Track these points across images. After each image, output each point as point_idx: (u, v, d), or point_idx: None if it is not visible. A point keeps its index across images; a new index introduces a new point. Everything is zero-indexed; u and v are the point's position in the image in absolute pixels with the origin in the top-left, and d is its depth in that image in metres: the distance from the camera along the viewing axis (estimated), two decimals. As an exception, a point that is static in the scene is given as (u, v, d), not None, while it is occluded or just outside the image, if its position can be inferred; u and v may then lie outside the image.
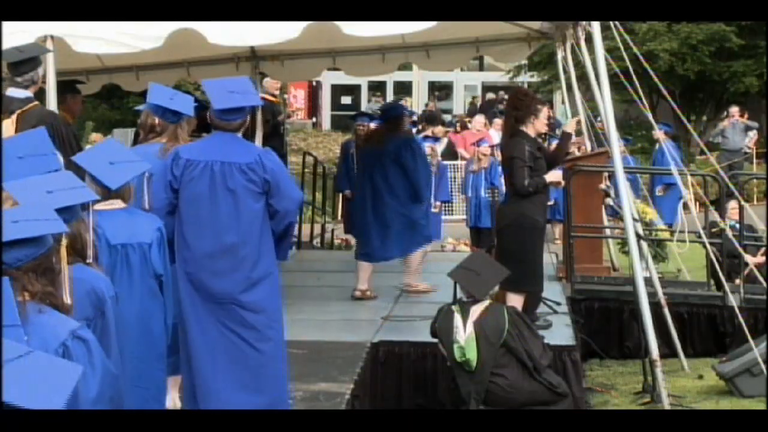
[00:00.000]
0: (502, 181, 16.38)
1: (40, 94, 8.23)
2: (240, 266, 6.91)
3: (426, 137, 18.86)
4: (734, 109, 24.47)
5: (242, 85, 7.09)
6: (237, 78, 7.46)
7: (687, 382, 10.11)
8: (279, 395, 7.05)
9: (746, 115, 24.77)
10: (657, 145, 20.38)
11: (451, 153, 23.97)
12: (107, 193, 5.72)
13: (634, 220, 10.49)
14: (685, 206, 11.48)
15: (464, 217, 18.74)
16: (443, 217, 19.71)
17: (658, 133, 16.38)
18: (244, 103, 6.96)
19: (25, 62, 7.90)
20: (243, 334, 6.93)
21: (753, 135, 24.08)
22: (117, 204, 5.80)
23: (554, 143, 14.51)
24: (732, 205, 12.84)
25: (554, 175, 9.69)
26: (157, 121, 7.26)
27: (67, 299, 3.90)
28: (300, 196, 7.21)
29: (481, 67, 39.32)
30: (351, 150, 16.08)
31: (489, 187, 17.23)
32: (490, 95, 36.69)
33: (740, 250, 11.50)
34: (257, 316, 6.96)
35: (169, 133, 7.20)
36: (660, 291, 10.71)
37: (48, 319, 3.78)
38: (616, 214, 12.54)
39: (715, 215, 11.87)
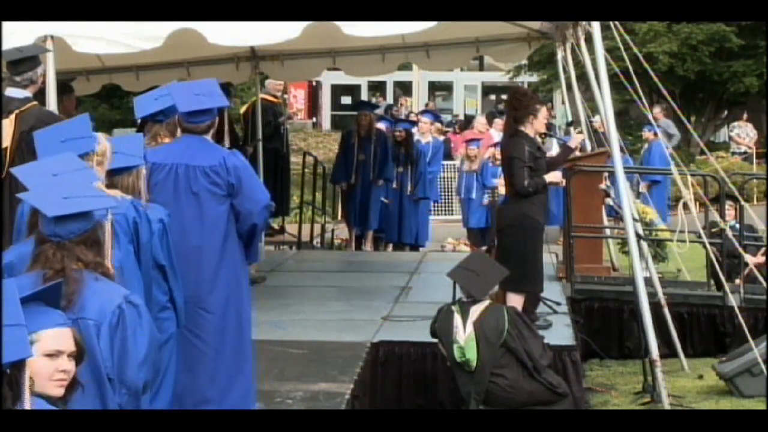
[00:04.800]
0: (495, 182, 16.48)
1: (40, 94, 8.20)
2: (203, 269, 6.89)
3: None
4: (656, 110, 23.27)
5: (208, 87, 7.07)
6: (203, 80, 7.42)
7: (687, 382, 10.10)
8: (243, 393, 7.01)
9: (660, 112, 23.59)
10: (645, 145, 20.45)
11: (449, 153, 23.99)
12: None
13: (634, 220, 10.49)
14: (685, 206, 11.45)
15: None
16: (442, 217, 19.71)
17: (648, 134, 16.40)
18: (210, 104, 6.96)
19: (24, 62, 7.87)
20: (203, 335, 6.89)
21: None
22: (117, 194, 5.78)
23: (553, 144, 14.53)
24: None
25: (554, 176, 9.71)
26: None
27: (111, 268, 4.56)
28: (265, 199, 7.05)
29: (481, 67, 39.30)
30: (352, 140, 15.94)
31: (482, 188, 17.23)
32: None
33: (740, 250, 11.49)
34: (219, 319, 6.92)
35: (151, 134, 7.17)
36: (660, 291, 10.71)
37: (103, 286, 4.39)
38: (616, 214, 12.53)
39: (715, 215, 11.86)
